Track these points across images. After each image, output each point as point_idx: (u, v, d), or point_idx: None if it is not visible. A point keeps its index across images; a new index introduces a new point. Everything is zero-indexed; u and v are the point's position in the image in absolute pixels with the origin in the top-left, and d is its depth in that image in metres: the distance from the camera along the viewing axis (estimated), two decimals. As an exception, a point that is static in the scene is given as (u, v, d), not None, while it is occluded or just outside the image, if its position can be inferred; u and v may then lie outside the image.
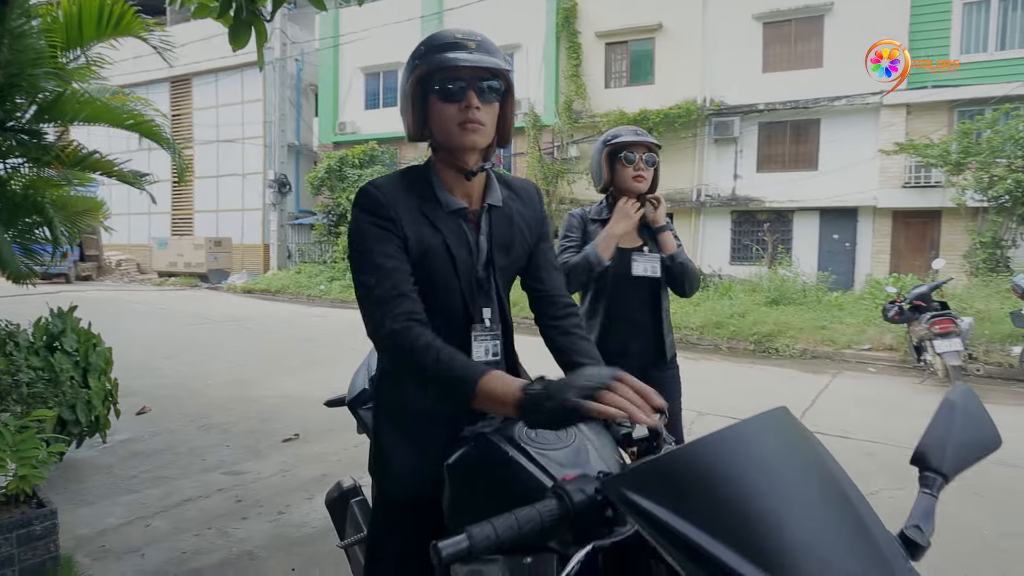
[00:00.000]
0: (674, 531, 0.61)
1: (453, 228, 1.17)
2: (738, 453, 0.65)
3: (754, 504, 0.61)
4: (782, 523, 0.60)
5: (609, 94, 16.12)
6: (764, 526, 0.59)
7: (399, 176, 1.21)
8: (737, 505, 0.61)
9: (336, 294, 14.07)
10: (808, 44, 14.46)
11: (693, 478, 0.64)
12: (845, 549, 0.60)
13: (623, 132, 2.08)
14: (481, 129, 1.12)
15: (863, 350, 7.96)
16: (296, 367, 6.34)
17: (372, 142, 16.64)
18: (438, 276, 1.16)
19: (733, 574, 0.57)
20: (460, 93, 1.10)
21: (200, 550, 2.54)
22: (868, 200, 13.60)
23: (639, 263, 2.06)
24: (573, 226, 2.19)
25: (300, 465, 3.47)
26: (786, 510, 0.61)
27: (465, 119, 1.11)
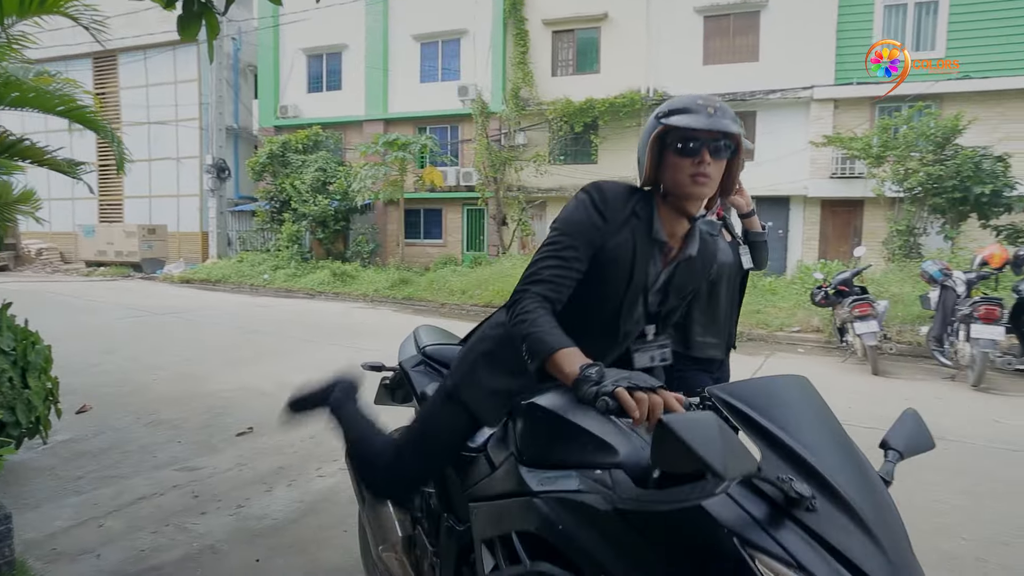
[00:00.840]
0: (753, 420, 0.94)
1: (647, 253, 1.34)
2: (788, 388, 1.02)
3: (793, 417, 0.95)
4: (807, 428, 0.94)
5: (556, 82, 16.26)
6: (798, 426, 0.93)
7: (629, 190, 1.36)
8: (787, 414, 0.95)
9: (281, 283, 13.74)
10: (745, 38, 15.03)
11: (763, 395, 0.98)
12: (850, 459, 0.93)
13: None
14: (708, 182, 1.27)
15: (793, 332, 8.51)
16: (246, 359, 6.23)
17: (316, 127, 16.21)
18: (609, 286, 1.33)
19: (788, 449, 0.89)
20: (696, 151, 1.25)
21: (159, 547, 2.56)
22: (799, 189, 14.37)
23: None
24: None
25: (256, 458, 3.49)
26: (821, 428, 0.96)
27: (697, 172, 1.26)
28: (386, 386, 2.16)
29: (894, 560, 0.80)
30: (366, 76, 17.54)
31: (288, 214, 15.03)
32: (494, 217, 16.43)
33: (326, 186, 14.94)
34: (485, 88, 16.38)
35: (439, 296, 11.98)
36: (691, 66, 15.21)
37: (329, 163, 15.17)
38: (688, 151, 1.26)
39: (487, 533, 1.28)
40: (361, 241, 15.68)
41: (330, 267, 13.84)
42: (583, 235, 1.28)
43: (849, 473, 0.88)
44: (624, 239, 1.31)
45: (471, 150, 16.67)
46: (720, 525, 0.83)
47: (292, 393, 2.07)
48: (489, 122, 16.13)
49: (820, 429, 0.94)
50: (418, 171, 15.36)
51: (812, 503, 0.83)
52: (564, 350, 1.11)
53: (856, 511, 0.83)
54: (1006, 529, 2.83)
